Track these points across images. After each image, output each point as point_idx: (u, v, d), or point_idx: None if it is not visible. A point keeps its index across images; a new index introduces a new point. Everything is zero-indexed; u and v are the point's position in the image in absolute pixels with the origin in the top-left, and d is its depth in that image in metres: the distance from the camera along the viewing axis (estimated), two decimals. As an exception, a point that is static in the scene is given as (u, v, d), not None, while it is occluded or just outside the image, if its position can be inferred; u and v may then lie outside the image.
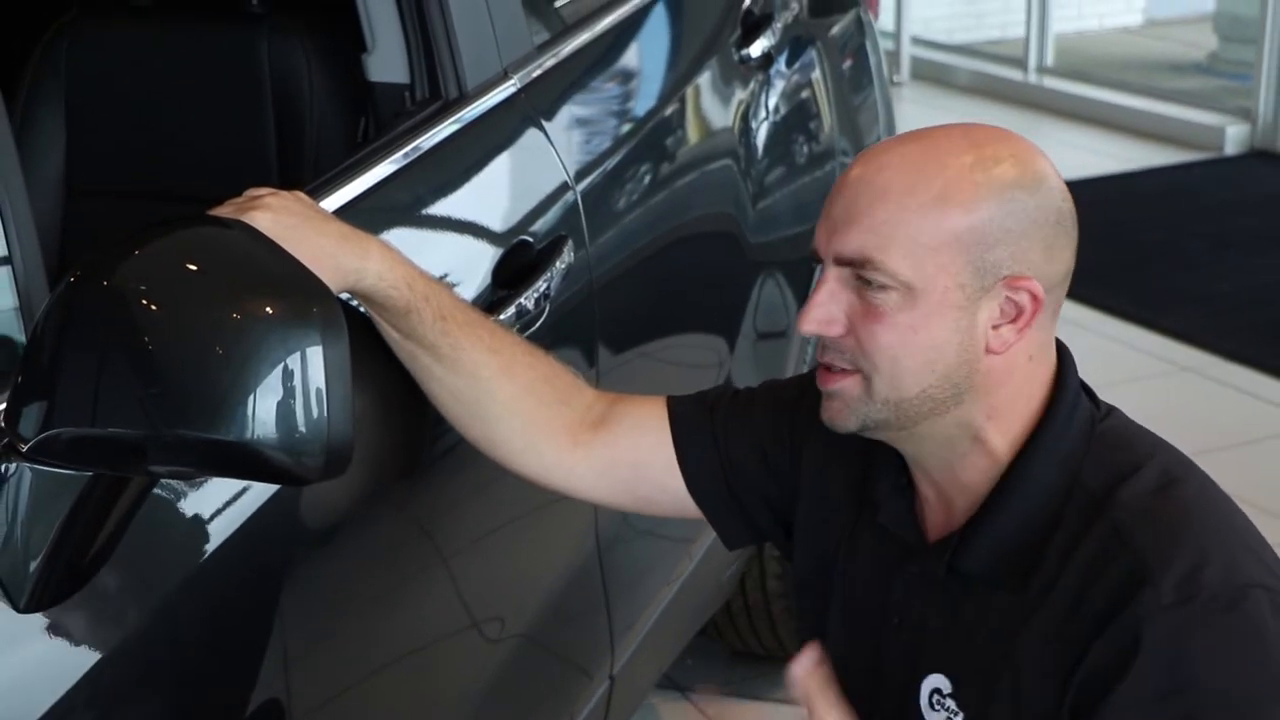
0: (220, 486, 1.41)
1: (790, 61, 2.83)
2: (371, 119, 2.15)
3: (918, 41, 8.01)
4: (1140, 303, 4.91)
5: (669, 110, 2.44)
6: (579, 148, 2.16)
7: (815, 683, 1.49)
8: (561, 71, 2.19)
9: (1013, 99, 7.35)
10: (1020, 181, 1.41)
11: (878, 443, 1.51)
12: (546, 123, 2.08)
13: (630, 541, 2.30)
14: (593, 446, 1.66)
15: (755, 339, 2.64)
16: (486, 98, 1.99)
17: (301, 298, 1.24)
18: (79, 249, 2.15)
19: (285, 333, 1.21)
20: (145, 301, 1.21)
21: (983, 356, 1.43)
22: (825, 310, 1.43)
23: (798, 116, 2.86)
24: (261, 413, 1.21)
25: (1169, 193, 6.02)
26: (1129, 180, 6.18)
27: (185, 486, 1.38)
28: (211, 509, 1.41)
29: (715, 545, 2.49)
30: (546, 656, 2.10)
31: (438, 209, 1.88)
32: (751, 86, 2.67)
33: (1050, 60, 7.48)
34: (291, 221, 1.46)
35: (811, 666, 1.49)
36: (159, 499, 1.35)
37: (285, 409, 1.21)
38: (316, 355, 1.22)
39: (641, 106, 2.41)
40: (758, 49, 2.67)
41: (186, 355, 1.20)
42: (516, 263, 1.90)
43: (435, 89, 1.96)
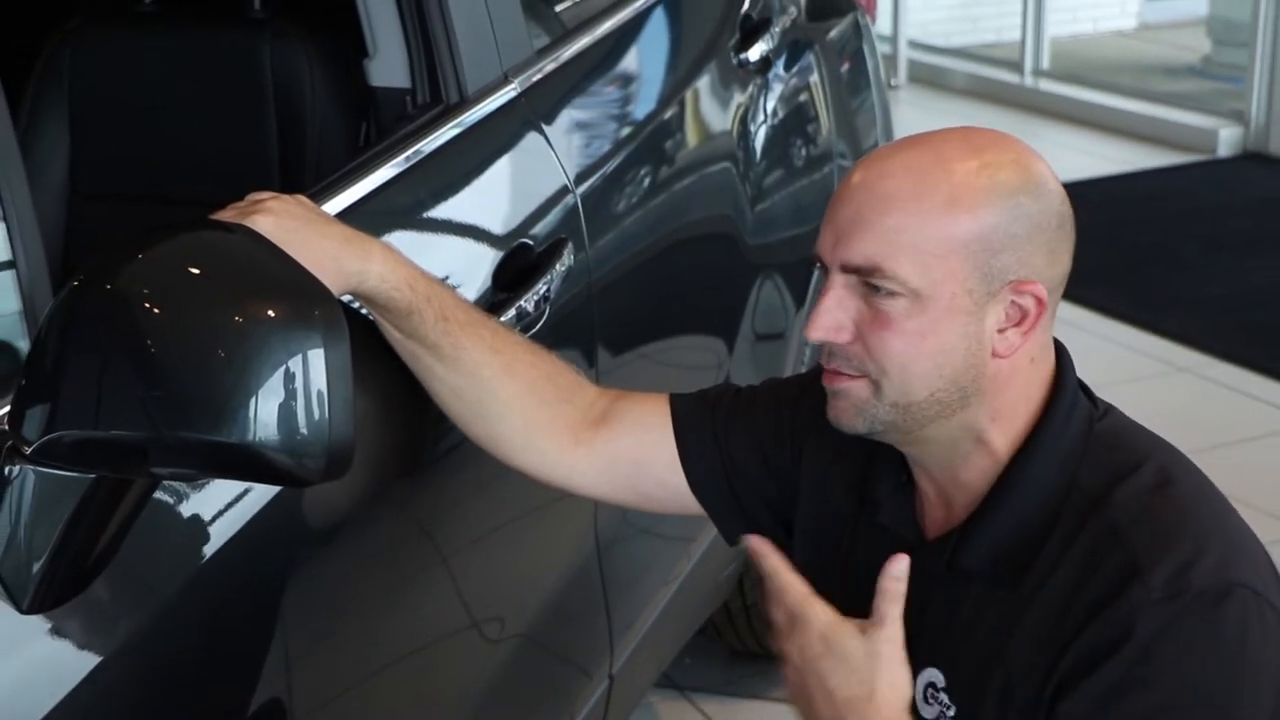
0: (222, 488, 1.41)
1: (788, 65, 2.83)
2: (373, 123, 2.16)
3: (915, 45, 8.02)
4: (1135, 304, 4.91)
5: (668, 114, 2.45)
6: (579, 151, 2.17)
7: (900, 590, 1.45)
8: (561, 75, 2.19)
9: (1008, 101, 7.36)
10: (1024, 187, 1.42)
11: (879, 442, 1.52)
12: (546, 126, 2.08)
13: (629, 541, 2.30)
14: (594, 444, 1.67)
15: (754, 341, 2.64)
16: (487, 102, 2.00)
17: (303, 301, 1.24)
18: (83, 253, 2.15)
19: (287, 335, 1.21)
20: (148, 305, 1.21)
21: (989, 360, 1.43)
22: (833, 317, 1.44)
23: (796, 120, 2.86)
24: (263, 415, 1.20)
25: (1163, 195, 6.02)
26: (1123, 182, 6.19)
27: (187, 488, 1.38)
28: (213, 510, 1.42)
29: (714, 545, 2.51)
30: (546, 656, 2.10)
31: (439, 212, 1.88)
32: (750, 90, 2.67)
33: (1045, 63, 7.48)
34: (293, 225, 1.47)
35: (901, 574, 1.45)
36: (161, 501, 1.35)
37: (287, 411, 1.21)
38: (318, 358, 1.22)
39: (641, 110, 2.41)
40: (756, 53, 2.68)
41: (189, 358, 1.20)
42: (517, 265, 1.90)
43: (436, 93, 1.97)
